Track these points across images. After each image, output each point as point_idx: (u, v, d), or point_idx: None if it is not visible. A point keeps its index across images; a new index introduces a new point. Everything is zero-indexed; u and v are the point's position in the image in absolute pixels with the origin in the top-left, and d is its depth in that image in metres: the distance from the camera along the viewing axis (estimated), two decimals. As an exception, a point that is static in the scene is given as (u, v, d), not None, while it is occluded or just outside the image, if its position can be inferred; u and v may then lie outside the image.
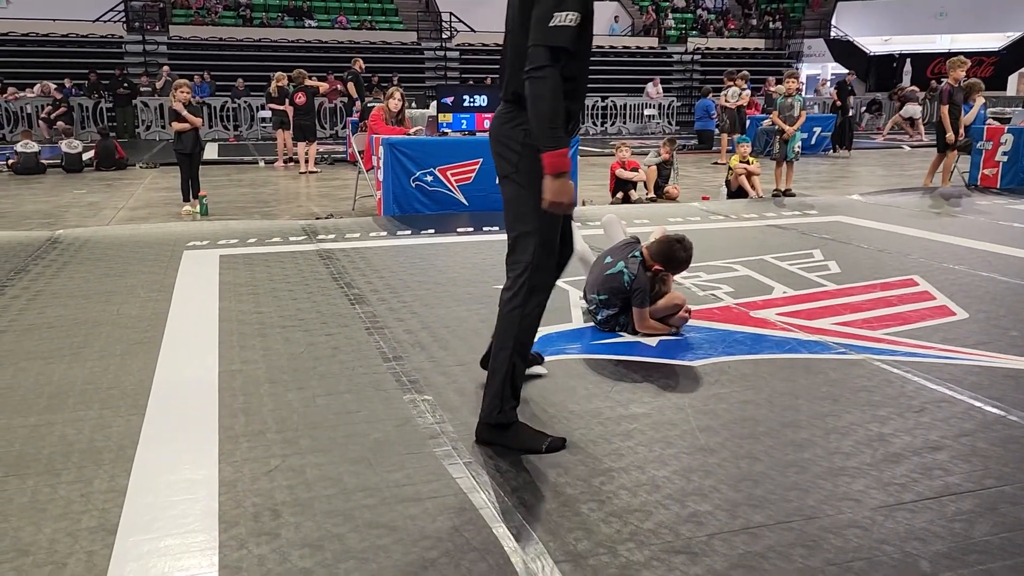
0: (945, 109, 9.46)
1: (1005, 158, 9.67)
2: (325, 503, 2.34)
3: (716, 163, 13.80)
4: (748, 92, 14.33)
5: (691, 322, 4.04)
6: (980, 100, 10.42)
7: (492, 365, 2.76)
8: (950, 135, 9.42)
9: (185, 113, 8.28)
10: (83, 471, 2.54)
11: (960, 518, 2.24)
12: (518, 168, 2.70)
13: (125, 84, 18.36)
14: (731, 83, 14.25)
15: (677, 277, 4.83)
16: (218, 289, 4.85)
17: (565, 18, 2.52)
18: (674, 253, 3.90)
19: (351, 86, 15.16)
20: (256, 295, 4.72)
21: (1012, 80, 25.16)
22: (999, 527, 2.20)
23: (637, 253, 3.90)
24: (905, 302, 4.51)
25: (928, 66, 25.81)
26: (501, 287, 2.76)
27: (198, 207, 8.35)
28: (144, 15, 22.42)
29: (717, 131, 14.88)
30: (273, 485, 2.45)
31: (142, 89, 18.95)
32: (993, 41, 26.75)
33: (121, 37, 21.78)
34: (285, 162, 13.37)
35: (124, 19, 22.34)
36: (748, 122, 14.26)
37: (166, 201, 9.37)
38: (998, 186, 9.63)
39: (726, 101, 14.12)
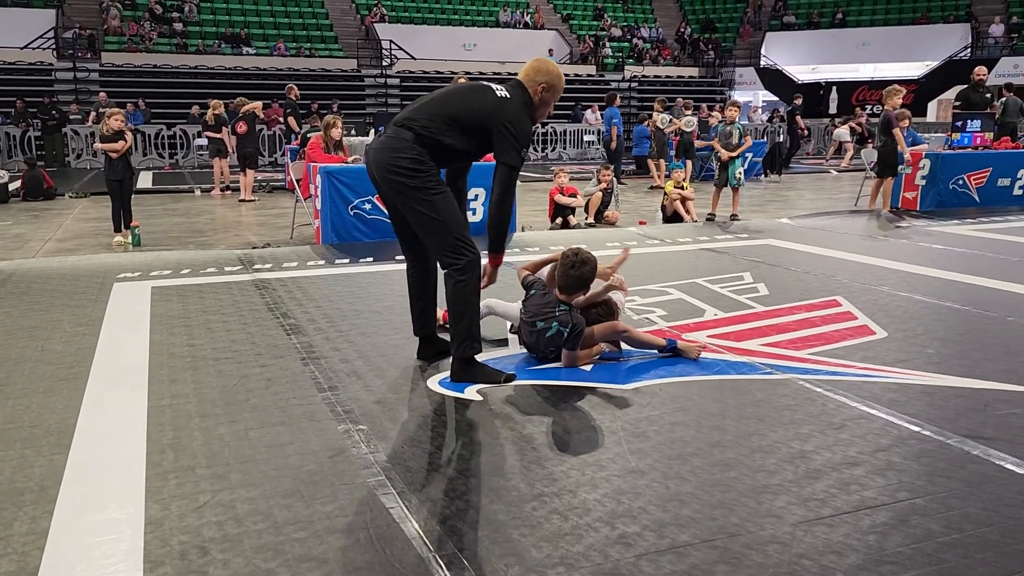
0: (898, 131, 9.54)
1: (924, 182, 10.12)
2: (255, 538, 2.32)
3: (652, 187, 14.19)
4: (690, 119, 14.81)
5: (624, 346, 4.11)
6: (905, 124, 10.83)
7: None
8: (908, 156, 9.61)
9: (101, 146, 8.20)
10: (2, 513, 2.46)
11: (875, 531, 2.34)
12: (413, 191, 3.51)
13: (54, 112, 17.91)
14: (661, 110, 14.84)
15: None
16: (149, 322, 4.76)
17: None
18: (572, 277, 3.81)
19: (292, 120, 15.11)
20: (189, 327, 4.64)
21: (931, 107, 26.33)
22: (910, 538, 2.30)
23: (563, 307, 3.82)
24: (829, 322, 4.67)
25: (853, 93, 26.91)
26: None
27: (130, 237, 8.19)
28: (75, 42, 21.94)
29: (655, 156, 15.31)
30: (202, 522, 2.41)
31: (71, 117, 18.51)
32: (913, 70, 28.04)
33: (51, 64, 21.28)
34: (222, 190, 13.20)
35: (54, 46, 21.83)
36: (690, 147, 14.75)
37: (96, 232, 9.15)
38: (918, 208, 10.06)
39: (656, 125, 14.70)
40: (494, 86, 3.71)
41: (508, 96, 3.65)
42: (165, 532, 2.35)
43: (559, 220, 9.44)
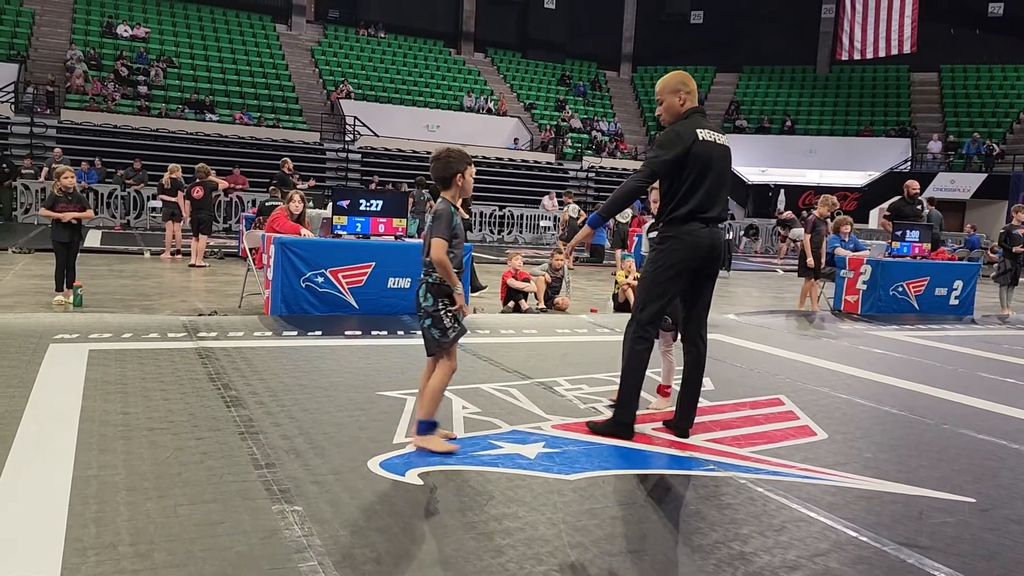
0: (808, 238, 10.31)
1: (865, 286, 10.48)
2: (174, 624, 2.21)
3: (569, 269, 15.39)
4: (626, 211, 15.53)
5: (569, 435, 4.11)
6: (847, 230, 11.34)
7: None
8: (810, 260, 10.25)
9: (47, 213, 8.07)
10: (-99, 588, 2.31)
11: (811, 638, 2.32)
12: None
13: (5, 165, 17.65)
14: (570, 200, 16.97)
15: (563, 391, 4.92)
16: (83, 387, 4.60)
17: None
18: None
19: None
20: (124, 394, 4.50)
21: (873, 214, 27.51)
22: (846, 647, 2.29)
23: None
24: (771, 421, 4.73)
25: (800, 196, 28.06)
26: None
27: (71, 297, 7.98)
28: (35, 98, 21.82)
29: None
30: (118, 604, 2.29)
31: (24, 171, 18.24)
32: (857, 178, 29.41)
33: (8, 118, 21.05)
34: (172, 254, 13.02)
35: (13, 100, 21.65)
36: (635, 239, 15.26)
37: (37, 289, 8.90)
38: (859, 312, 10.38)
39: (569, 215, 16.45)
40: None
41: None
42: (78, 615, 2.22)
43: (511, 303, 9.50)
